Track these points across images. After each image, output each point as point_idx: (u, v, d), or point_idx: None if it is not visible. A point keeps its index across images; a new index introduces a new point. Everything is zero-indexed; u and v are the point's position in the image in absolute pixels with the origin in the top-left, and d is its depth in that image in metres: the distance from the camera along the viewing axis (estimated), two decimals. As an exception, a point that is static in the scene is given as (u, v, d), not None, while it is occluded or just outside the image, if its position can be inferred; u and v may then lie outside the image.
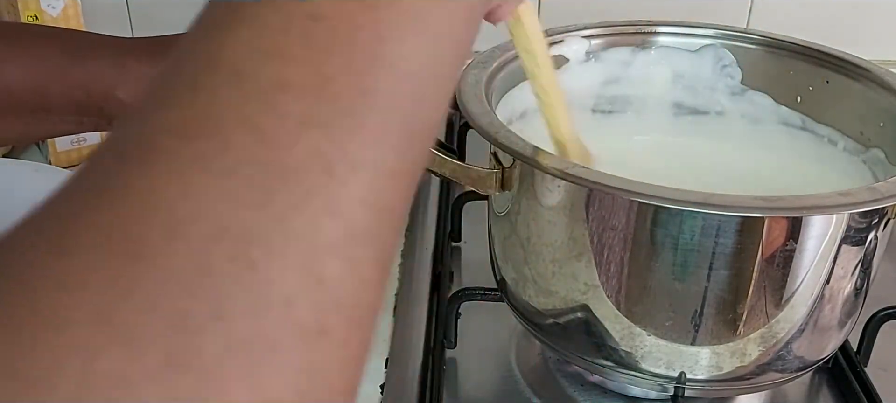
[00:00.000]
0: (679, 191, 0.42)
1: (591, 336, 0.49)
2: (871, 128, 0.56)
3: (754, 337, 0.47)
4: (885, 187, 0.43)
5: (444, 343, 0.58)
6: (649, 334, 0.47)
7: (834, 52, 0.59)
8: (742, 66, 0.62)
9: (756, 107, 0.62)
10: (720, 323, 0.46)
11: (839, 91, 0.58)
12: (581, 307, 0.49)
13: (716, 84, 0.63)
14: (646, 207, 0.44)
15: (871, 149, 0.56)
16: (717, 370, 0.48)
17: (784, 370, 0.49)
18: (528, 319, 0.53)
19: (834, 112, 0.59)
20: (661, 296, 0.46)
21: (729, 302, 0.45)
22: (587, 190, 0.45)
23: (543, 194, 0.48)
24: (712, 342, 0.47)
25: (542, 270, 0.50)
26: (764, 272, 0.44)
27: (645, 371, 0.49)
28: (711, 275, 0.45)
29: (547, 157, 0.45)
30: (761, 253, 0.44)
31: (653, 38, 0.63)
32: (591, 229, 0.46)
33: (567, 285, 0.49)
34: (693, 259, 0.44)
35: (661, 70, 0.63)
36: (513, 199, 0.50)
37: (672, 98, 0.64)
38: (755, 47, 0.62)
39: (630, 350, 0.48)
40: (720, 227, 0.43)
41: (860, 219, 0.45)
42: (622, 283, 0.47)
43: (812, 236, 0.44)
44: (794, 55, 0.60)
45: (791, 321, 0.47)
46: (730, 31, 0.62)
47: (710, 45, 0.62)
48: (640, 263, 0.46)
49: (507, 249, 0.53)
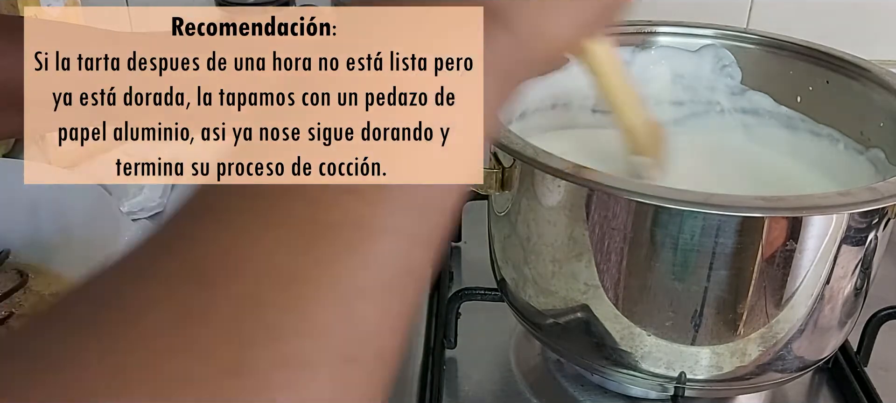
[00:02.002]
0: (679, 191, 0.42)
1: (591, 336, 0.49)
2: (871, 128, 0.56)
3: (754, 337, 0.47)
4: (885, 187, 0.43)
5: (444, 343, 0.58)
6: (649, 334, 0.47)
7: (834, 52, 0.59)
8: (742, 66, 0.62)
9: (756, 107, 0.62)
10: (720, 323, 0.46)
11: (839, 91, 0.58)
12: (581, 307, 0.49)
13: (716, 84, 0.63)
14: (646, 207, 0.44)
15: (871, 149, 0.55)
16: (717, 370, 0.48)
17: (784, 370, 0.49)
18: (528, 319, 0.53)
19: (834, 112, 0.59)
20: (661, 296, 0.46)
21: (729, 302, 0.45)
22: (587, 190, 0.45)
23: (543, 194, 0.48)
24: (712, 342, 0.47)
25: (542, 270, 0.50)
26: (764, 272, 0.44)
27: (645, 371, 0.49)
28: (711, 275, 0.45)
29: (547, 157, 0.45)
30: (761, 253, 0.44)
31: (653, 38, 0.63)
32: (591, 229, 0.46)
33: (567, 285, 0.49)
34: (693, 259, 0.44)
35: (661, 70, 0.63)
36: (513, 199, 0.50)
37: (672, 98, 0.64)
38: (755, 47, 0.62)
39: (630, 350, 0.48)
40: (720, 227, 0.43)
41: (860, 219, 0.45)
42: (622, 283, 0.47)
43: (812, 236, 0.44)
44: (794, 55, 0.60)
45: (791, 321, 0.47)
46: (730, 31, 0.62)
47: (710, 45, 0.62)
48: (640, 263, 0.46)
49: (507, 249, 0.53)
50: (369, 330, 0.22)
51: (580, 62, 0.45)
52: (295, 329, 0.20)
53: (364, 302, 0.22)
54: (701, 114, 0.64)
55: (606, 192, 0.44)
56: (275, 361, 0.20)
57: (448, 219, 0.26)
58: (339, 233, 0.22)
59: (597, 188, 0.43)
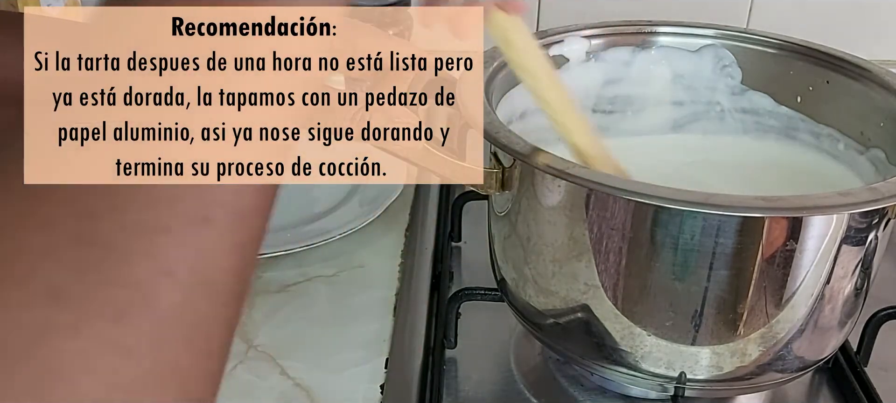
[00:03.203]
0: (679, 191, 0.42)
1: (591, 336, 0.49)
2: (871, 128, 0.56)
3: (754, 337, 0.47)
4: (885, 187, 0.43)
5: (444, 343, 0.58)
6: (649, 334, 0.47)
7: (834, 52, 0.59)
8: (742, 65, 0.62)
9: (756, 107, 0.62)
10: (720, 323, 0.46)
11: (839, 91, 0.58)
12: (581, 307, 0.49)
13: (716, 84, 0.63)
14: (646, 207, 0.44)
15: (871, 149, 0.55)
16: (718, 370, 0.48)
17: (784, 370, 0.49)
18: (528, 319, 0.53)
19: (834, 112, 0.59)
20: (661, 296, 0.46)
21: (729, 302, 0.45)
22: (587, 190, 0.45)
23: (543, 194, 0.48)
24: (712, 342, 0.47)
25: (542, 270, 0.50)
26: (764, 272, 0.44)
27: (645, 371, 0.49)
28: (711, 275, 0.45)
29: (547, 157, 0.45)
30: (761, 253, 0.44)
31: (653, 38, 0.63)
32: (591, 229, 0.46)
33: (567, 285, 0.49)
34: (693, 259, 0.44)
35: (661, 70, 0.63)
36: (513, 199, 0.50)
37: (672, 98, 0.64)
38: (755, 47, 0.62)
39: (630, 350, 0.48)
40: (720, 227, 0.43)
41: (860, 219, 0.45)
42: (622, 283, 0.47)
43: (812, 236, 0.44)
44: (794, 55, 0.60)
45: (791, 321, 0.47)
46: (730, 31, 0.62)
47: (710, 45, 0.62)
48: (640, 263, 0.46)
49: (507, 249, 0.53)
50: (223, 191, 0.22)
51: (503, 54, 0.44)
52: (145, 199, 0.20)
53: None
54: (701, 114, 0.64)
55: (606, 192, 0.44)
56: (128, 229, 0.20)
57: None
58: None
59: (597, 188, 0.43)
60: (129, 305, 0.19)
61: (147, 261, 0.19)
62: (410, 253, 0.69)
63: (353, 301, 0.63)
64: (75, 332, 0.18)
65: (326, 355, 0.58)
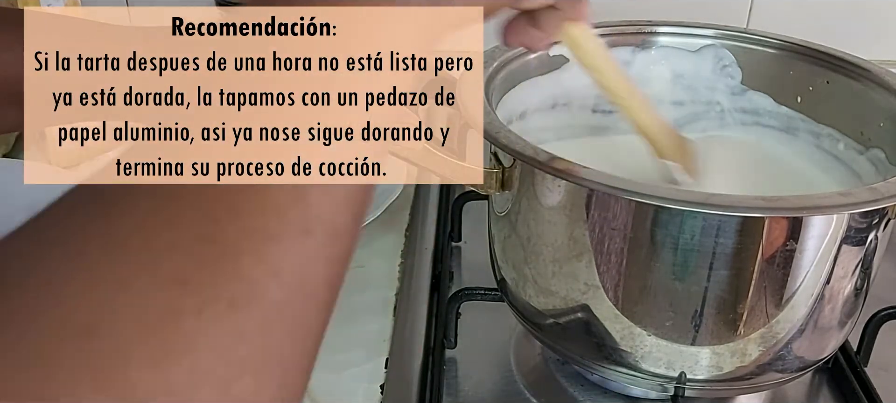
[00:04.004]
0: (679, 191, 0.42)
1: (591, 336, 0.49)
2: (871, 128, 0.56)
3: (754, 337, 0.47)
4: (885, 187, 0.43)
5: (444, 343, 0.58)
6: (649, 334, 0.47)
7: (834, 52, 0.59)
8: (742, 65, 0.62)
9: (756, 107, 0.62)
10: (720, 323, 0.46)
11: (839, 91, 0.58)
12: (581, 307, 0.49)
13: (716, 84, 0.63)
14: (646, 207, 0.44)
15: (871, 149, 0.55)
16: (718, 370, 0.48)
17: (784, 370, 0.49)
18: (528, 319, 0.53)
19: (834, 112, 0.59)
20: (662, 296, 0.46)
21: (729, 302, 0.45)
22: (587, 190, 0.45)
23: (543, 194, 0.47)
24: (712, 342, 0.47)
25: (542, 270, 0.50)
26: (764, 272, 0.44)
27: (645, 371, 0.49)
28: (711, 275, 0.45)
29: (547, 157, 0.45)
30: (761, 253, 0.44)
31: (653, 38, 0.63)
32: (591, 229, 0.46)
33: (567, 285, 0.49)
34: (693, 259, 0.44)
35: (661, 70, 0.63)
36: (513, 199, 0.50)
37: (672, 98, 0.64)
38: (755, 47, 0.62)
39: (630, 350, 0.48)
40: (720, 227, 0.43)
41: (860, 219, 0.45)
42: (622, 283, 0.47)
43: (812, 236, 0.44)
44: (794, 55, 0.60)
45: (791, 321, 0.47)
46: (730, 31, 0.62)
47: (710, 45, 0.62)
48: (640, 263, 0.46)
49: (507, 249, 0.53)
50: (322, 208, 0.24)
51: (571, 53, 0.45)
52: (259, 208, 0.22)
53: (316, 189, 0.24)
54: (701, 114, 0.64)
55: (606, 192, 0.44)
56: (243, 233, 0.22)
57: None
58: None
59: (597, 188, 0.43)
60: (242, 296, 0.21)
61: (258, 262, 0.22)
62: (410, 253, 0.69)
63: (353, 301, 0.63)
64: (198, 313, 0.21)
65: (326, 355, 0.57)
